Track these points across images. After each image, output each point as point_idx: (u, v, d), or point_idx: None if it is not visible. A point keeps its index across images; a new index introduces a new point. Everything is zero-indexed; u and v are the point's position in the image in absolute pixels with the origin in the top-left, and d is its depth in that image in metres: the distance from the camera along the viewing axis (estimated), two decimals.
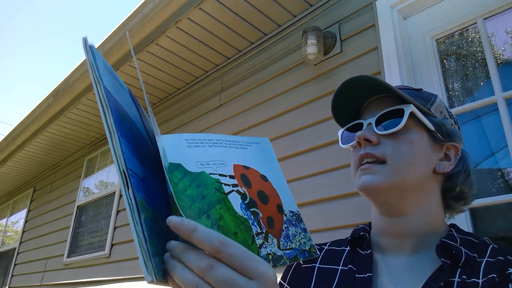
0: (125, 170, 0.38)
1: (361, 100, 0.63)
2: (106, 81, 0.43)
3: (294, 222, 0.64)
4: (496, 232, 1.30)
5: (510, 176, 1.32)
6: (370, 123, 0.59)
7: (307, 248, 0.62)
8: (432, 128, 0.57)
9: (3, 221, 5.85)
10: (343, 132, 0.66)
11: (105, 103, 0.40)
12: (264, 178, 0.66)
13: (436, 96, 0.63)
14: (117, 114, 0.42)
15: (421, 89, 0.64)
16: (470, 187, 0.60)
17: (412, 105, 0.56)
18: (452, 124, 0.61)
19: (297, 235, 0.62)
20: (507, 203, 1.26)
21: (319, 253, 0.64)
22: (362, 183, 0.57)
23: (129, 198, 0.37)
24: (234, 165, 0.63)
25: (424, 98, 0.61)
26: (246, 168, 0.65)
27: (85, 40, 0.43)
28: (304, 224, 0.65)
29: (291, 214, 0.65)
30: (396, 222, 0.58)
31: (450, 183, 0.59)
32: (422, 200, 0.57)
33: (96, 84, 0.41)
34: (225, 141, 0.65)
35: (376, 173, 0.56)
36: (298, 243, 0.62)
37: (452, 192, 0.59)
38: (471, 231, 1.28)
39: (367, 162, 0.57)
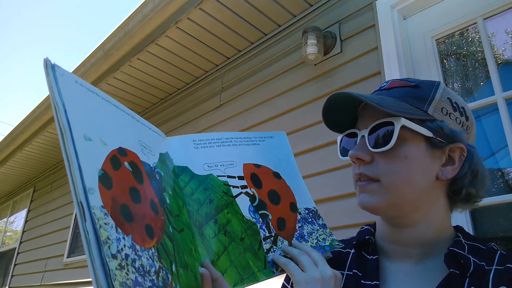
0: (82, 201, 0.35)
1: (352, 109, 0.60)
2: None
3: (310, 220, 0.62)
4: (496, 232, 1.30)
5: (510, 176, 1.32)
6: (364, 136, 0.56)
7: (327, 243, 0.60)
8: (430, 134, 0.53)
9: (3, 221, 5.85)
10: (341, 139, 0.62)
11: (63, 129, 0.37)
12: (276, 175, 0.64)
13: (436, 89, 0.57)
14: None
15: (419, 84, 0.57)
16: (479, 187, 0.56)
17: (402, 118, 0.52)
18: (457, 118, 0.56)
19: (314, 232, 0.61)
20: (507, 203, 1.26)
21: (342, 245, 0.63)
22: (360, 203, 0.56)
23: (85, 232, 0.35)
24: (244, 164, 0.61)
25: (420, 98, 0.55)
26: (257, 166, 0.63)
27: (46, 62, 0.39)
28: (322, 220, 0.63)
29: (307, 211, 0.63)
30: (402, 232, 0.57)
31: (455, 186, 0.55)
32: (427, 210, 0.55)
33: (55, 109, 0.38)
34: (235, 138, 0.64)
35: (372, 192, 0.54)
36: (316, 241, 0.60)
37: (459, 195, 0.56)
38: (471, 231, 1.28)
39: (364, 180, 0.56)
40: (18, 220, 5.36)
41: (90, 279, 3.18)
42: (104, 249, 0.35)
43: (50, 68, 0.39)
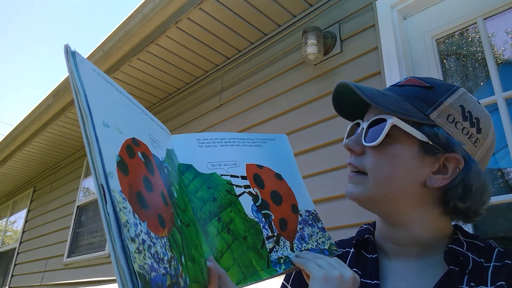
0: (103, 184, 0.36)
1: (360, 100, 0.60)
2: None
3: (310, 222, 0.63)
4: (496, 232, 1.30)
5: (510, 176, 1.32)
6: (363, 128, 0.57)
7: (326, 247, 0.60)
8: (425, 139, 0.52)
9: (3, 221, 5.85)
10: (350, 127, 0.63)
11: (85, 114, 0.38)
12: (278, 177, 0.64)
13: (450, 94, 0.54)
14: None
15: (433, 86, 0.55)
16: (473, 204, 0.53)
17: (394, 117, 0.52)
18: (464, 128, 0.53)
19: (314, 235, 0.61)
20: (507, 203, 1.26)
21: (340, 251, 0.63)
22: (346, 192, 0.58)
23: (106, 214, 0.35)
24: (247, 165, 0.62)
25: (428, 101, 0.53)
26: (260, 167, 0.63)
27: (66, 48, 0.40)
28: (321, 223, 0.64)
29: (307, 213, 0.63)
30: (397, 231, 0.57)
31: (445, 197, 0.53)
32: (418, 212, 0.54)
33: (76, 94, 0.39)
34: (238, 139, 0.64)
35: (358, 184, 0.56)
36: (316, 243, 0.60)
37: (447, 207, 0.54)
38: (472, 231, 1.28)
39: (353, 171, 0.58)
40: (18, 220, 5.36)
41: (89, 279, 3.18)
42: (124, 232, 0.35)
43: (71, 55, 0.40)
